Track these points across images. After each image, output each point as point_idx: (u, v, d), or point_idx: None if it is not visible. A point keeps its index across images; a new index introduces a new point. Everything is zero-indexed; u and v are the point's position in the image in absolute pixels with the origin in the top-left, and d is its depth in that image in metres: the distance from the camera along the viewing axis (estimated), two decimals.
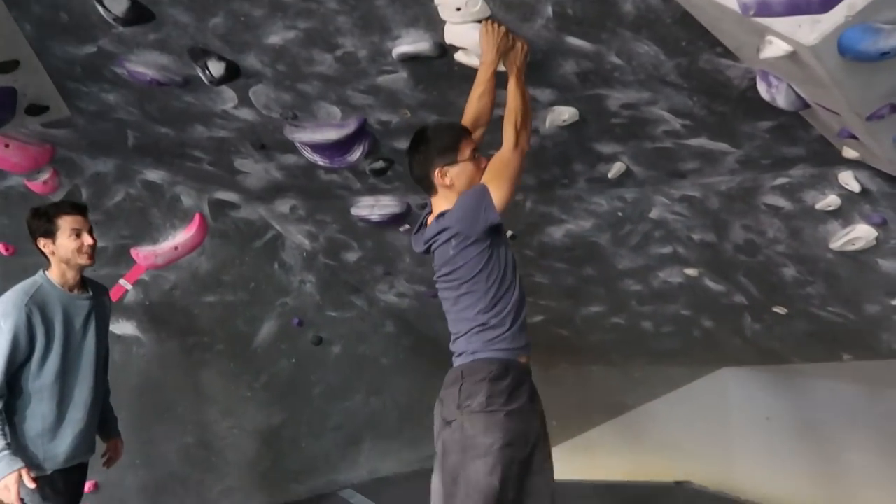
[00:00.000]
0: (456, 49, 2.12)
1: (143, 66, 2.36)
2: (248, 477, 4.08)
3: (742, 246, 3.07)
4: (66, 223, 2.45)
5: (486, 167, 2.07)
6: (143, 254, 3.41)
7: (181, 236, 3.48)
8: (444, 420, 2.07)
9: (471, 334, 2.06)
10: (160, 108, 2.68)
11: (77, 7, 2.13)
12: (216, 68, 2.31)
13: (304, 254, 4.06)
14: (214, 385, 3.82)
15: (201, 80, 2.37)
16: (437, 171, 2.07)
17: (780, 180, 2.60)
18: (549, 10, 1.87)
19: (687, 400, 4.96)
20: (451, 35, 2.04)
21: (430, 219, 2.17)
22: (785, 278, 3.17)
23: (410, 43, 2.11)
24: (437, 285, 2.18)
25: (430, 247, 2.14)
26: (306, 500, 4.29)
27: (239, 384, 3.93)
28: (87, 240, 2.47)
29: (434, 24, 2.02)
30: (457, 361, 2.10)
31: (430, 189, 2.14)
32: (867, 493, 3.95)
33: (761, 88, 1.78)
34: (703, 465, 4.83)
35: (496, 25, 1.97)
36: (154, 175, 3.37)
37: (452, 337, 2.14)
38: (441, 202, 2.13)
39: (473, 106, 2.14)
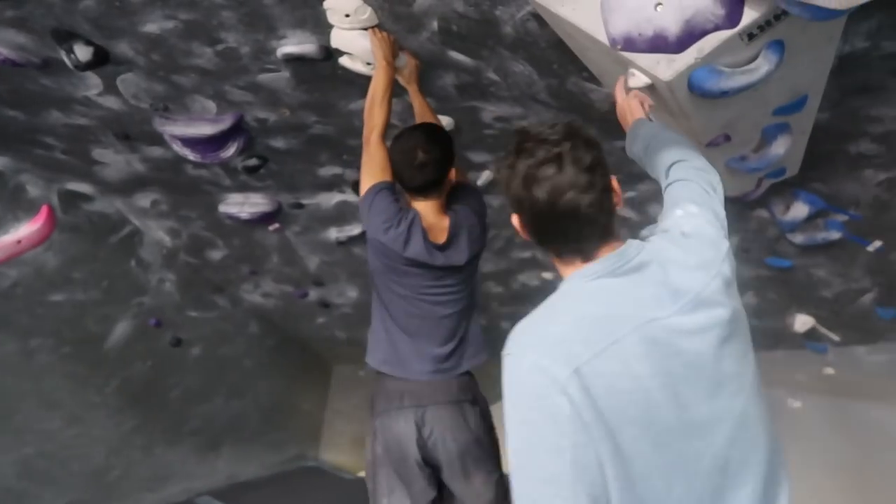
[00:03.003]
0: (341, 53, 2.16)
1: None
2: (95, 488, 3.81)
3: None
4: None
5: None
6: None
7: (25, 229, 3.17)
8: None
9: (473, 331, 2.24)
10: (11, 89, 2.46)
11: None
12: (83, 52, 2.16)
13: (164, 251, 3.87)
14: (60, 390, 3.52)
15: (63, 63, 2.22)
16: (452, 170, 2.16)
17: (630, 194, 2.89)
18: (435, 25, 1.96)
19: None
20: (339, 40, 2.08)
21: (436, 224, 2.14)
22: None
23: (296, 44, 2.12)
24: (441, 296, 2.16)
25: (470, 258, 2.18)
26: None
27: (87, 389, 3.66)
28: None
29: (322, 27, 2.05)
30: (470, 363, 2.21)
31: (436, 190, 2.14)
32: None
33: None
34: None
35: (385, 33, 2.04)
36: None
37: (447, 343, 2.17)
38: (433, 206, 2.15)
39: (386, 109, 2.14)
